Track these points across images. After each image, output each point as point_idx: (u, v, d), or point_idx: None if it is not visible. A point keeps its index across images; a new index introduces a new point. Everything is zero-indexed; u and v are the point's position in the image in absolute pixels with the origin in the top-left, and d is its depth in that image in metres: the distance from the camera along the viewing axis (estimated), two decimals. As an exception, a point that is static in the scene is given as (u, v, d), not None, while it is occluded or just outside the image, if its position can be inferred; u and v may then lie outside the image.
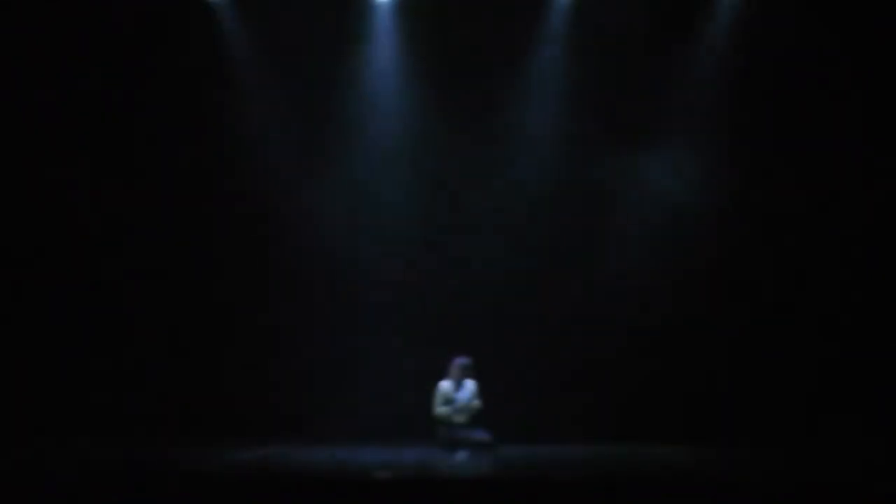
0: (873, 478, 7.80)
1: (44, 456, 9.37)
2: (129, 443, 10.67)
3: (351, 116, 12.34)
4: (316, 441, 10.99)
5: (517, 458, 9.75)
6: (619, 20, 11.91)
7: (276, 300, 12.18)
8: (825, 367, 11.60)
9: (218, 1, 12.20)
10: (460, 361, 10.54)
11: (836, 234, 11.82)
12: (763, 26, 11.87)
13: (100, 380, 11.75)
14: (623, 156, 12.09)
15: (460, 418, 10.46)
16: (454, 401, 10.46)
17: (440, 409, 10.47)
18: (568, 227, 12.21)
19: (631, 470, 8.20)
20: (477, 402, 10.47)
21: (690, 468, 8.98)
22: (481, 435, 10.34)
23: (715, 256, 11.99)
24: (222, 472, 7.77)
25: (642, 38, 11.93)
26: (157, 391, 11.79)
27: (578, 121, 12.18)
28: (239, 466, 8.58)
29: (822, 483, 7.14)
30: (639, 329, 11.92)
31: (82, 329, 11.92)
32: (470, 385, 10.55)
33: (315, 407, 11.71)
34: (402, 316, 12.08)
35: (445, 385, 10.53)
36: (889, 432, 10.84)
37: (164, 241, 12.13)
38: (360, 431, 11.33)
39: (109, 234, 12.14)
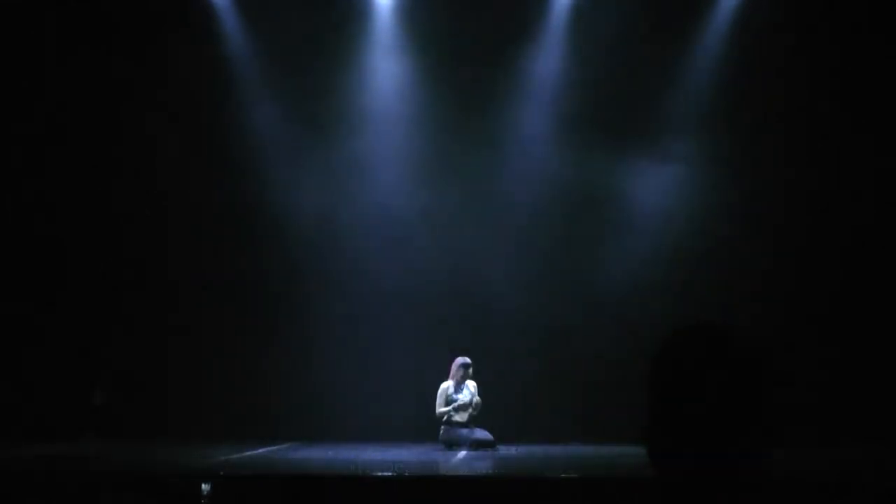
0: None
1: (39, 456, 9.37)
2: (129, 444, 10.69)
3: (351, 117, 12.35)
4: (317, 441, 11.00)
5: (517, 458, 9.75)
6: (618, 22, 11.92)
7: (275, 301, 12.19)
8: (824, 366, 11.62)
9: (218, 1, 12.24)
10: (460, 361, 10.54)
11: (837, 234, 11.83)
12: (761, 28, 11.89)
13: (100, 380, 11.77)
14: (622, 157, 12.11)
15: (461, 418, 10.46)
16: (454, 400, 10.46)
17: (441, 409, 10.47)
18: (568, 228, 12.22)
19: (631, 470, 8.18)
20: (477, 402, 10.47)
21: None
22: (482, 434, 10.34)
23: (714, 258, 11.99)
24: (218, 472, 7.76)
25: (639, 41, 11.95)
26: (156, 392, 11.80)
27: (577, 122, 12.19)
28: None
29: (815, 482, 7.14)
30: (638, 329, 11.91)
31: (83, 329, 11.95)
32: (470, 385, 10.55)
33: (315, 407, 11.71)
34: (402, 316, 12.08)
35: (446, 385, 10.54)
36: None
37: (163, 241, 12.14)
38: (361, 431, 11.33)
39: (108, 233, 12.14)
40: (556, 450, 10.51)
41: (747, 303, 11.80)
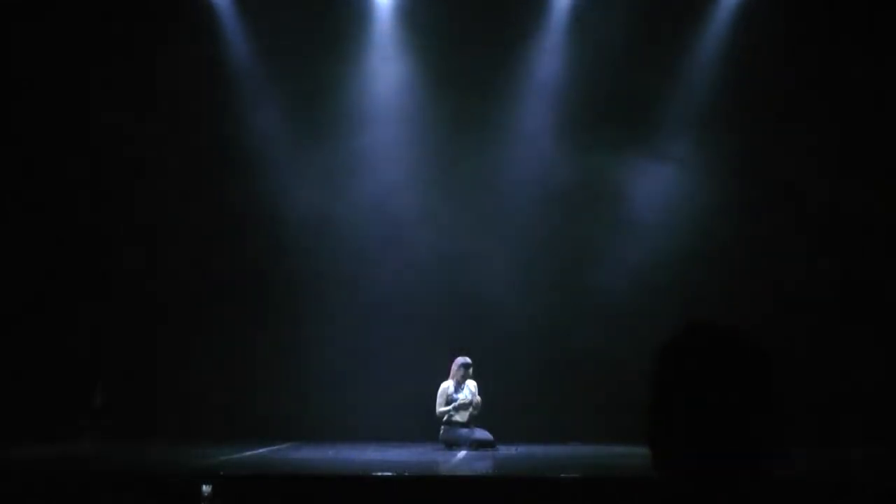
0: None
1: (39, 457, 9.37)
2: (129, 444, 10.69)
3: (350, 117, 12.36)
4: (317, 441, 10.99)
5: (517, 458, 9.75)
6: (618, 23, 11.92)
7: (274, 301, 12.18)
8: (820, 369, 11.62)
9: (218, 1, 12.24)
10: (460, 361, 10.54)
11: (838, 234, 11.83)
12: (761, 28, 11.89)
13: (100, 380, 11.76)
14: (623, 157, 12.11)
15: (461, 417, 10.46)
16: (454, 400, 10.46)
17: (441, 409, 10.47)
18: (568, 227, 12.21)
19: (631, 470, 8.18)
20: (477, 401, 10.47)
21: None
22: (482, 434, 10.34)
23: (714, 258, 11.98)
24: (218, 471, 7.76)
25: (640, 41, 11.95)
26: (155, 392, 11.79)
27: (577, 122, 12.20)
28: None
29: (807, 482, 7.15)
30: (638, 329, 11.91)
31: (82, 329, 11.94)
32: (470, 384, 10.55)
33: (315, 407, 11.71)
34: (403, 316, 12.08)
35: (446, 385, 10.54)
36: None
37: (163, 241, 12.13)
38: (361, 431, 11.33)
39: (108, 233, 12.14)
40: (556, 450, 10.51)
41: (747, 303, 11.80)
